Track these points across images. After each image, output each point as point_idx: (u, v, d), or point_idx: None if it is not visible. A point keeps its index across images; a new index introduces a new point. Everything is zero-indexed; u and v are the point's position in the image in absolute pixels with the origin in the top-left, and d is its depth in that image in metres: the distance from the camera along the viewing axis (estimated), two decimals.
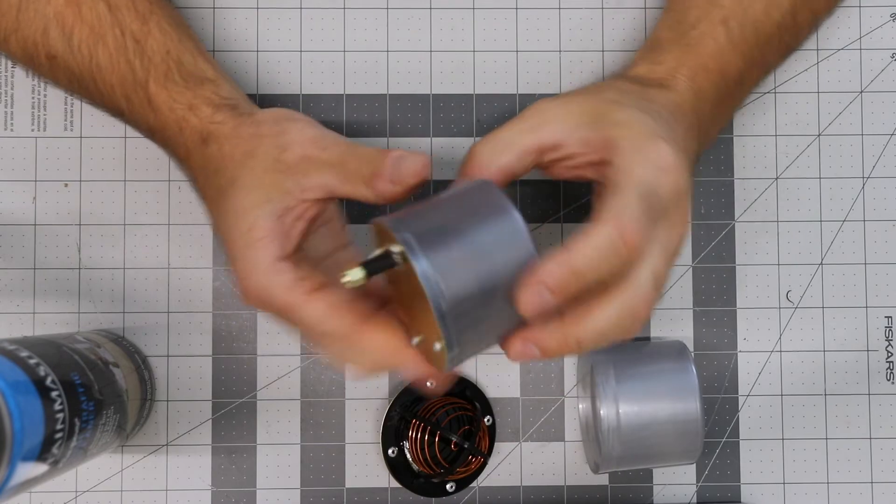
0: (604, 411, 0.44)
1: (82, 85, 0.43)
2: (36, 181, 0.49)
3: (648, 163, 0.36)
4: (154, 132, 0.43)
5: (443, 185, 0.50)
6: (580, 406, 0.49)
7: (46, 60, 0.43)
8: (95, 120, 0.50)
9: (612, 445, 0.44)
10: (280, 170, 0.38)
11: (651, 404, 0.44)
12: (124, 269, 0.49)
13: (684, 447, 0.44)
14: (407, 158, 0.37)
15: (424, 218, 0.35)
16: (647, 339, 0.49)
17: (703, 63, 0.43)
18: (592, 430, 0.47)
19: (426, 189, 0.50)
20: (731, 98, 0.45)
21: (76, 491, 0.48)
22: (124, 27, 0.42)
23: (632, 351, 0.47)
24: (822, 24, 0.49)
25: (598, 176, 0.38)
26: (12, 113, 0.50)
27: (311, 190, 0.38)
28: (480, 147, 0.39)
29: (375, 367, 0.38)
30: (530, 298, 0.33)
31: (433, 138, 0.50)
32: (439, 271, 0.33)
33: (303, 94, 0.50)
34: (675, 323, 0.50)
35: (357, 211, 0.49)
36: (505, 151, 0.38)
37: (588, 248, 0.34)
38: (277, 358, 0.49)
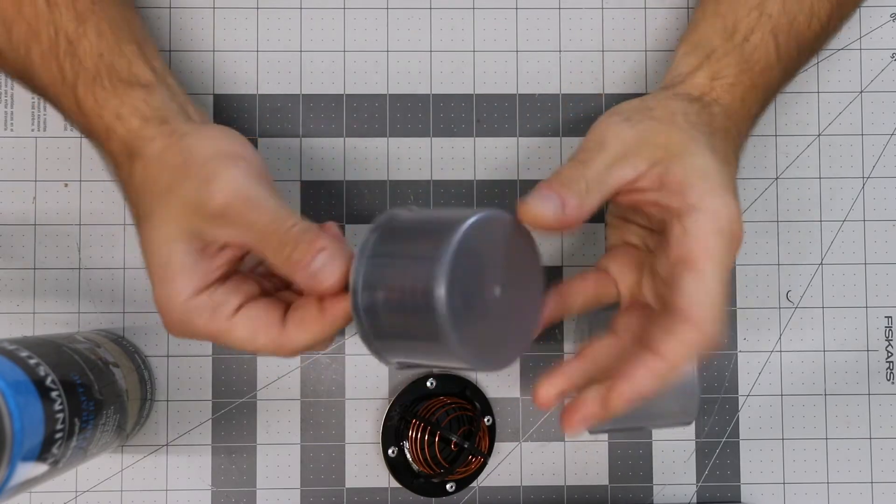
0: None
1: (23, 82, 0.42)
2: (36, 181, 0.49)
3: (723, 229, 0.36)
4: (86, 136, 0.42)
5: (441, 184, 0.50)
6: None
7: None
8: None
9: None
10: (200, 216, 0.36)
11: None
12: (124, 269, 0.49)
13: (680, 406, 0.44)
14: (330, 266, 0.35)
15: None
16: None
17: (754, 80, 0.42)
18: None
19: (426, 188, 0.50)
20: (764, 111, 0.45)
21: (76, 491, 0.48)
22: (59, 26, 0.40)
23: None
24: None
25: (660, 214, 0.37)
26: (12, 113, 0.50)
27: (230, 243, 0.37)
28: (573, 189, 0.36)
29: (310, 349, 0.38)
30: (612, 410, 0.35)
31: (433, 138, 0.50)
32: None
33: (303, 94, 0.50)
34: None
35: (355, 213, 0.49)
36: (596, 192, 0.37)
37: (680, 353, 0.35)
38: (277, 358, 0.49)
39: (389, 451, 0.48)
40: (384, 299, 0.34)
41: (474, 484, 0.49)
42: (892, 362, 0.50)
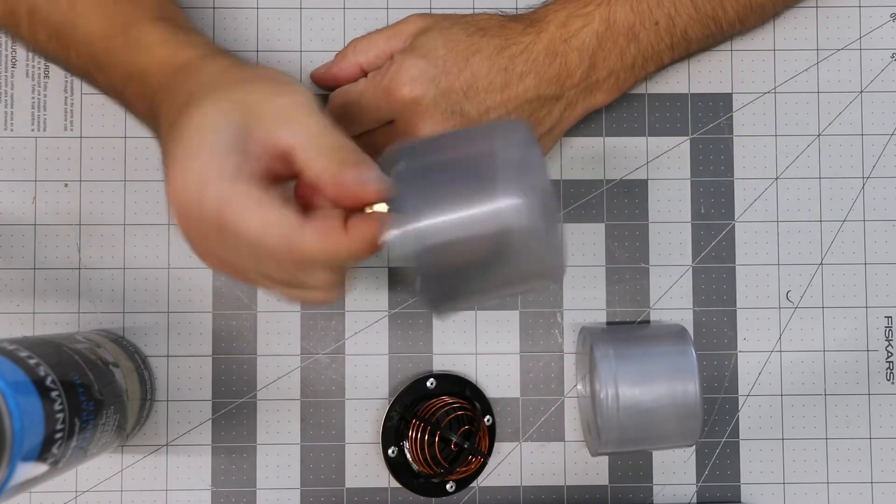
0: (603, 393, 0.44)
1: (61, 37, 0.42)
2: (36, 181, 0.49)
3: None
4: (129, 78, 0.41)
5: None
6: (578, 387, 0.49)
7: (27, 16, 0.43)
8: (95, 120, 0.50)
9: (611, 428, 0.44)
10: (260, 112, 0.35)
11: (650, 386, 0.44)
12: (124, 269, 0.49)
13: (683, 429, 0.44)
14: (382, 179, 0.34)
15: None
16: (648, 322, 0.49)
17: (586, 10, 0.45)
18: (591, 413, 0.47)
19: None
20: (620, 50, 0.46)
21: (76, 491, 0.48)
22: None
23: (632, 332, 0.47)
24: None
25: None
26: (12, 113, 0.50)
27: (280, 140, 0.34)
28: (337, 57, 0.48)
29: (318, 264, 0.35)
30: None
31: None
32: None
33: None
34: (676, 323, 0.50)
35: None
36: (356, 56, 0.48)
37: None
38: (277, 358, 0.49)
39: (389, 451, 0.48)
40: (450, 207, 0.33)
41: (474, 484, 0.49)
42: (892, 362, 0.50)
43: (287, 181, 0.36)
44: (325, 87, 0.49)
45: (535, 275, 0.37)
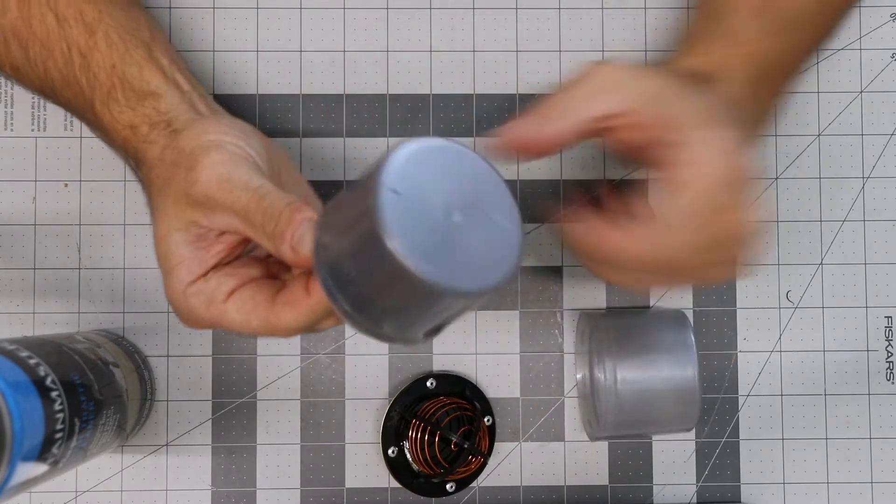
0: (601, 377, 0.44)
1: (47, 98, 0.44)
2: (36, 181, 0.49)
3: (716, 152, 0.37)
4: (112, 149, 0.43)
5: None
6: (577, 374, 0.49)
7: (11, 72, 0.43)
8: None
9: (609, 411, 0.44)
10: (189, 203, 0.36)
11: (649, 369, 0.44)
12: (124, 269, 0.49)
13: (681, 413, 0.44)
14: (310, 235, 0.33)
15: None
16: (647, 307, 0.49)
17: (748, 51, 0.42)
18: (590, 397, 0.47)
19: None
20: (774, 84, 0.44)
21: (76, 491, 0.48)
22: (71, 41, 0.41)
23: (631, 317, 0.47)
24: None
25: (650, 155, 0.38)
26: (12, 113, 0.50)
27: (220, 226, 0.36)
28: (530, 119, 0.38)
29: (307, 330, 0.37)
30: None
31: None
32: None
33: (302, 94, 0.50)
34: None
35: None
36: (563, 120, 0.38)
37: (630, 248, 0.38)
38: (277, 358, 0.49)
39: (389, 451, 0.48)
40: (337, 249, 0.31)
41: (474, 484, 0.49)
42: (892, 362, 0.50)
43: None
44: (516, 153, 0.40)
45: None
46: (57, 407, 0.36)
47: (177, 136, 0.39)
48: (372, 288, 0.31)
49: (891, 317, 0.51)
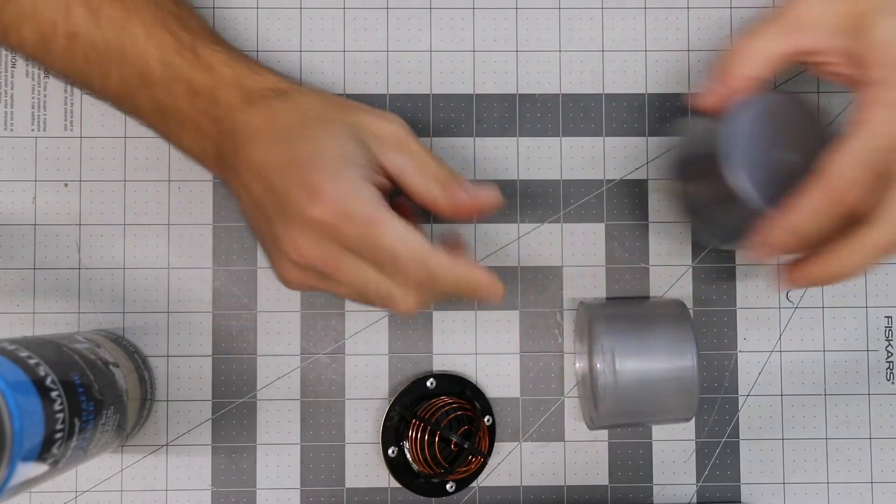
0: (600, 366, 0.44)
1: (104, 57, 0.43)
2: (36, 181, 0.49)
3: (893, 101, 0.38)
4: (195, 95, 0.42)
5: None
6: (577, 364, 0.49)
7: (65, 40, 0.43)
8: (95, 120, 0.50)
9: (608, 399, 0.44)
10: (374, 137, 0.40)
11: (648, 358, 0.44)
12: (124, 269, 0.49)
13: (680, 403, 0.44)
14: (483, 188, 0.41)
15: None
16: (647, 297, 0.49)
17: None
18: (588, 385, 0.47)
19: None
20: None
21: (76, 491, 0.48)
22: (160, 3, 0.43)
23: (630, 306, 0.47)
24: None
25: (853, 87, 0.40)
26: (12, 113, 0.50)
27: (391, 163, 0.39)
28: (734, 57, 0.41)
29: (449, 288, 0.40)
30: (757, 255, 0.40)
31: (433, 138, 0.50)
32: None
33: None
34: None
35: None
36: (758, 62, 0.41)
37: (805, 209, 0.38)
38: (277, 358, 0.49)
39: (389, 451, 0.48)
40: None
41: (474, 484, 0.49)
42: (892, 362, 0.50)
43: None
44: (712, 112, 0.43)
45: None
46: (57, 407, 0.36)
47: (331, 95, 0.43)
48: (715, 207, 0.43)
49: (891, 317, 0.51)
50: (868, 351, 0.50)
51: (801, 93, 0.51)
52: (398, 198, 0.42)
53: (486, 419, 0.48)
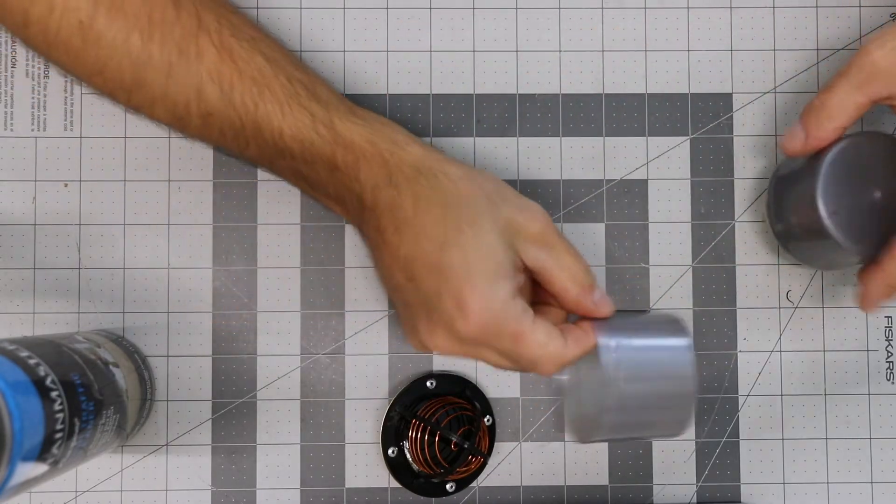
0: (608, 376, 0.43)
1: (240, 135, 0.42)
2: (36, 181, 0.49)
3: None
4: (335, 169, 0.41)
5: None
6: (563, 375, 0.49)
7: (199, 119, 0.42)
8: (95, 120, 0.50)
9: (612, 413, 0.43)
10: (520, 234, 0.40)
11: (651, 371, 0.44)
12: (124, 269, 0.49)
13: (675, 417, 0.44)
14: (607, 300, 0.42)
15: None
16: (645, 311, 0.49)
17: None
18: (583, 399, 0.47)
19: None
20: None
21: (76, 491, 0.48)
22: (290, 75, 0.42)
23: (627, 318, 0.47)
24: None
25: None
26: (12, 113, 0.50)
27: (534, 261, 0.40)
28: (818, 112, 0.43)
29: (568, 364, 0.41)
30: (864, 308, 0.44)
31: (433, 138, 0.50)
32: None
33: None
34: None
35: None
36: (841, 114, 0.43)
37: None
38: (277, 358, 0.49)
39: (389, 451, 0.48)
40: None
41: (474, 484, 0.49)
42: (892, 362, 0.50)
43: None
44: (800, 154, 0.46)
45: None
46: (57, 407, 0.36)
47: (470, 168, 0.42)
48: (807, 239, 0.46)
49: (891, 317, 0.51)
50: (868, 351, 0.50)
51: (801, 94, 0.51)
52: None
53: (486, 419, 0.48)
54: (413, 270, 0.39)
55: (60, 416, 0.36)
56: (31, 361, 0.36)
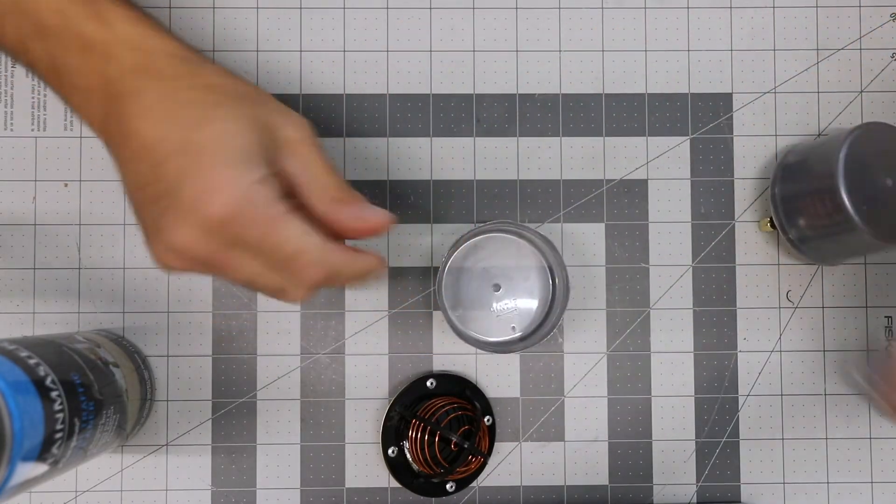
0: None
1: None
2: (36, 181, 0.49)
3: None
4: (90, 50, 0.38)
5: (441, 184, 0.50)
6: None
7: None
8: None
9: None
10: (275, 137, 0.37)
11: None
12: (124, 269, 0.49)
13: None
14: (374, 210, 0.39)
15: None
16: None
17: None
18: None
19: (426, 188, 0.50)
20: None
21: (76, 491, 0.48)
22: None
23: None
24: None
25: None
26: (12, 113, 0.50)
27: (288, 167, 0.37)
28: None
29: (348, 276, 0.39)
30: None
31: (433, 138, 0.50)
32: None
33: (303, 94, 0.50)
34: (675, 323, 0.50)
35: None
36: None
37: None
38: (277, 358, 0.49)
39: (389, 451, 0.48)
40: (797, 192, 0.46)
41: (474, 484, 0.49)
42: None
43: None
44: None
45: None
46: (57, 407, 0.36)
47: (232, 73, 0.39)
48: (820, 227, 0.46)
49: (891, 317, 0.51)
50: (868, 351, 0.50)
51: (801, 94, 0.51)
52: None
53: (486, 419, 0.48)
54: (158, 156, 0.36)
55: (60, 416, 0.36)
56: (31, 361, 0.36)
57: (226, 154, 0.35)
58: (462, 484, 0.48)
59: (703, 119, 0.51)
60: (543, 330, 0.47)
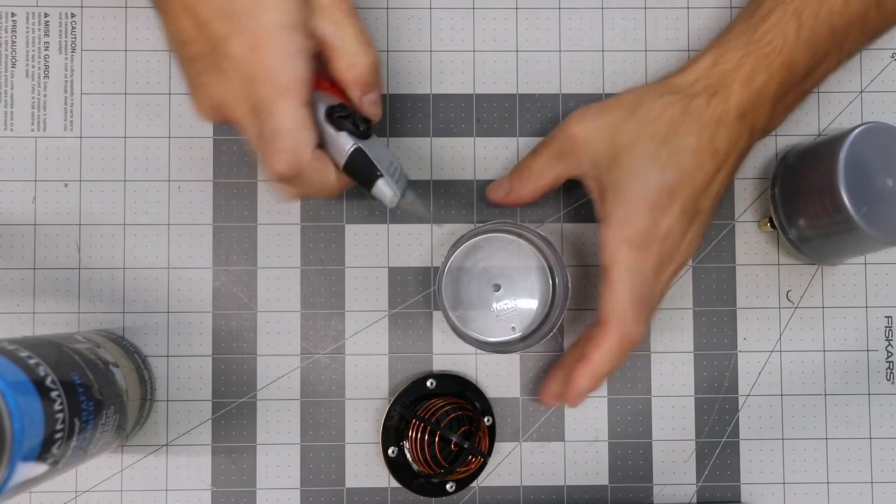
0: None
1: None
2: (36, 181, 0.49)
3: (631, 238, 0.41)
4: None
5: (441, 184, 0.50)
6: None
7: None
8: (95, 120, 0.50)
9: None
10: (310, 6, 0.39)
11: None
12: (124, 269, 0.49)
13: None
14: (378, 105, 0.42)
15: None
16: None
17: (769, 61, 0.42)
18: None
19: (426, 188, 0.50)
20: (798, 88, 0.45)
21: (76, 491, 0.48)
22: None
23: None
24: None
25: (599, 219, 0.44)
26: (12, 113, 0.50)
27: (320, 30, 0.39)
28: (516, 175, 0.47)
29: (312, 184, 0.41)
30: (572, 403, 0.43)
31: (433, 138, 0.50)
32: None
33: None
34: (675, 323, 0.50)
35: None
36: (536, 179, 0.46)
37: (603, 358, 0.42)
38: (277, 358, 0.49)
39: (389, 451, 0.48)
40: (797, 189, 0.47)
41: (474, 484, 0.49)
42: (892, 362, 0.50)
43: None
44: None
45: None
46: (57, 407, 0.36)
47: None
48: (818, 220, 0.45)
49: (891, 317, 0.51)
50: (868, 351, 0.50)
51: None
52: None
53: (486, 419, 0.48)
54: (203, 15, 0.38)
55: (60, 416, 0.36)
56: (31, 361, 0.36)
57: (269, 14, 0.37)
58: (462, 484, 0.48)
59: None
60: (543, 330, 0.47)
